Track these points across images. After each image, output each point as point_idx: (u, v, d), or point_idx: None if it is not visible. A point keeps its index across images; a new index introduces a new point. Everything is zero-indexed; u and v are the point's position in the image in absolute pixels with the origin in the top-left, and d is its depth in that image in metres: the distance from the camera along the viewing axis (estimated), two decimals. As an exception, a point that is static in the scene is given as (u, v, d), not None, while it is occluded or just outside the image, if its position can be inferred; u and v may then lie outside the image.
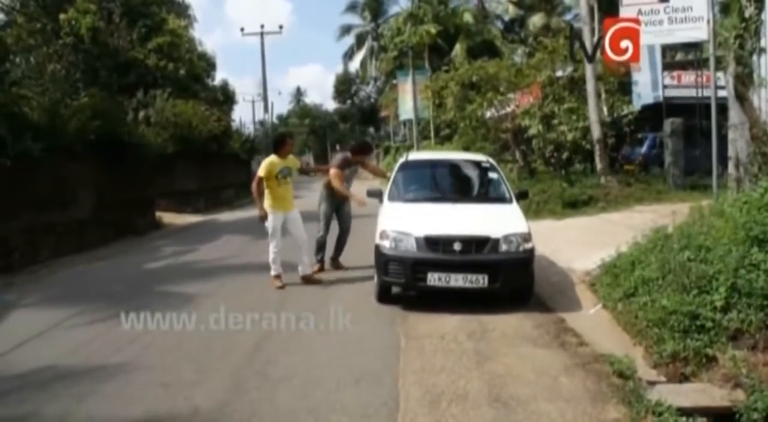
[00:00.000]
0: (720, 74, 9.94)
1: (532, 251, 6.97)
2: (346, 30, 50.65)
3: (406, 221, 7.15)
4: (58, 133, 12.21)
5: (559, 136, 16.63)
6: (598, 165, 16.03)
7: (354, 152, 9.18)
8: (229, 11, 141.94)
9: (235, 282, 8.79)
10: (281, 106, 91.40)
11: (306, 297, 7.62)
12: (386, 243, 6.97)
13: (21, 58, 16.95)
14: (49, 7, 20.33)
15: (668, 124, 16.20)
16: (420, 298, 7.06)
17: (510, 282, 6.80)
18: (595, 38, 14.70)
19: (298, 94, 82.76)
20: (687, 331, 5.09)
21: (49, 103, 12.62)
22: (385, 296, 7.20)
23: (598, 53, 12.17)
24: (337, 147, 63.89)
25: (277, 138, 9.08)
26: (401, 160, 9.05)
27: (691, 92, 17.82)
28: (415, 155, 10.95)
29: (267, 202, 8.21)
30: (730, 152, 8.88)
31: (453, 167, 9.09)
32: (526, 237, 6.93)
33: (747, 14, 8.53)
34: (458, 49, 36.18)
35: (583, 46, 13.34)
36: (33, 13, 19.60)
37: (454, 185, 8.76)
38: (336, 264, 9.20)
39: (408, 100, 34.68)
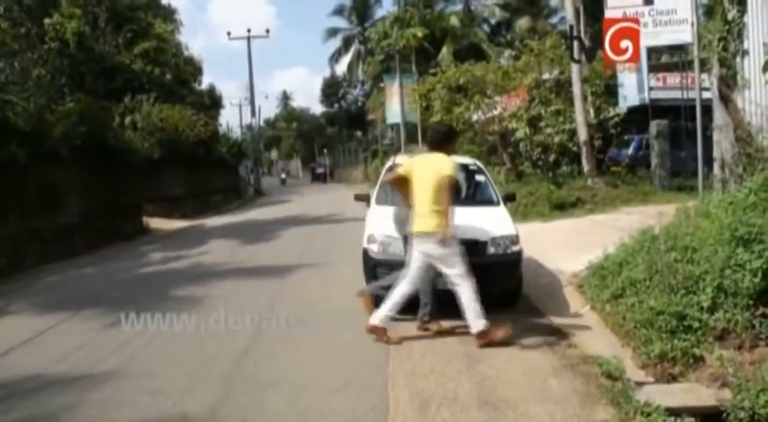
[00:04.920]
0: (704, 76, 10.03)
1: (519, 253, 6.97)
2: (332, 33, 50.51)
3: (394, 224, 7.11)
4: (44, 139, 12.15)
5: (546, 139, 16.73)
6: (585, 167, 16.13)
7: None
8: (212, 14, 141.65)
9: (224, 286, 8.75)
10: (268, 109, 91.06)
11: (295, 303, 7.61)
12: (374, 247, 6.94)
13: (5, 63, 16.78)
14: (33, 11, 20.22)
15: (654, 126, 16.34)
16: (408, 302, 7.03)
17: (498, 284, 6.78)
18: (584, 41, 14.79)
19: (285, 97, 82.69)
20: (674, 332, 5.12)
21: (35, 108, 12.53)
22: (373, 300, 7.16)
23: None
24: (325, 151, 63.54)
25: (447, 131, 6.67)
26: (388, 164, 9.02)
27: (677, 94, 17.95)
28: (402, 158, 10.91)
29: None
30: (715, 153, 8.95)
31: (441, 170, 9.05)
32: (514, 240, 6.94)
33: (730, 17, 8.62)
34: (445, 52, 36.20)
35: (582, 45, 13.37)
36: (17, 18, 19.44)
37: (441, 188, 8.72)
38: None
39: (395, 104, 34.70)
